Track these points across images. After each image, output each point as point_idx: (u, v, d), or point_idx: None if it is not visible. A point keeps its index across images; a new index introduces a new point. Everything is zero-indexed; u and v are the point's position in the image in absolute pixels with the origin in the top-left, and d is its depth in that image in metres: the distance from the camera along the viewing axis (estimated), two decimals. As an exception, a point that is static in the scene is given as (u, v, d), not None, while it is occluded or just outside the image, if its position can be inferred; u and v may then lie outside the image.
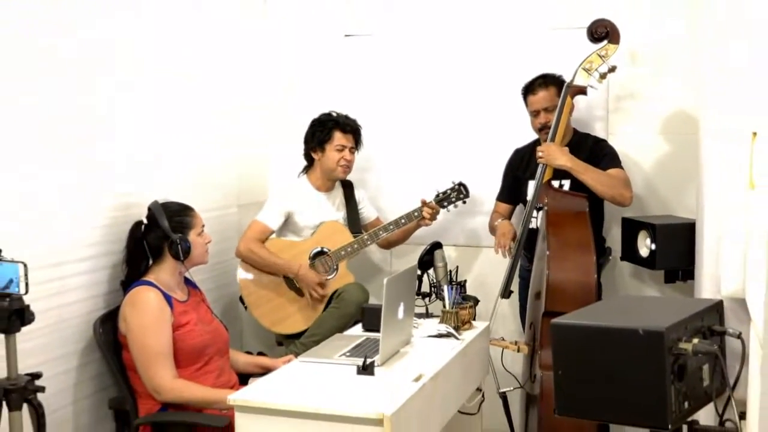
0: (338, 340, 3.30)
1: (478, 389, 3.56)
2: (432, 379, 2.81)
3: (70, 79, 3.15)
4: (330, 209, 4.13)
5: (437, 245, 3.68)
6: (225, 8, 4.32)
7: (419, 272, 3.56)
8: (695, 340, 1.67)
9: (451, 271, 3.63)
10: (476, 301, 3.59)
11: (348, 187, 4.23)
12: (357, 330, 3.49)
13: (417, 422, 2.67)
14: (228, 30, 4.35)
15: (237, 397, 2.63)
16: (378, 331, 2.95)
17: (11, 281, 2.19)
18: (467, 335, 3.36)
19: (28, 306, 2.22)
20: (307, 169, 4.16)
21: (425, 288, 3.64)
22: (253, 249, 3.93)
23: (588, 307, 1.91)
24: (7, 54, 2.84)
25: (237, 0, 4.46)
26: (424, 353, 3.09)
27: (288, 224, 4.07)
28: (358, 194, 4.27)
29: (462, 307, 3.46)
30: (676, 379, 1.64)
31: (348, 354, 3.04)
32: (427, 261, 3.62)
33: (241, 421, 2.58)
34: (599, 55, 3.61)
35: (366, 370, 2.81)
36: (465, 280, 3.67)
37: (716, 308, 1.85)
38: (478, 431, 3.63)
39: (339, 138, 4.02)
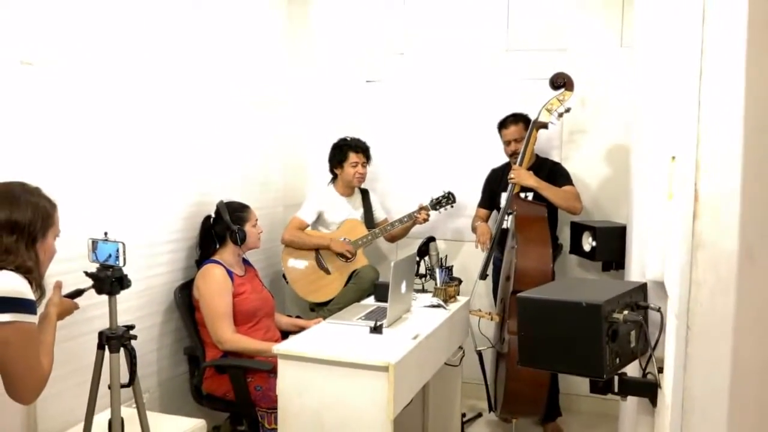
0: (356, 308, 3.31)
1: (460, 347, 3.55)
2: (426, 338, 2.82)
3: (160, 93, 3.21)
4: (351, 210, 4.14)
5: (432, 239, 3.68)
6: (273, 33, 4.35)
7: (417, 259, 3.56)
8: (625, 312, 1.67)
9: (441, 259, 3.63)
10: (460, 282, 3.59)
11: (364, 193, 4.25)
12: (370, 301, 3.50)
13: (414, 370, 2.68)
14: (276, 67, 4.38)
15: (280, 347, 2.64)
16: (386, 301, 2.95)
17: (111, 256, 2.21)
18: (453, 306, 3.36)
19: (126, 275, 2.24)
20: (333, 180, 4.18)
21: (422, 271, 3.64)
22: (294, 235, 3.96)
23: (544, 285, 1.91)
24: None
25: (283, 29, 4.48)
26: (420, 319, 3.09)
27: (319, 220, 4.09)
28: (372, 198, 4.28)
29: (449, 286, 3.46)
30: (610, 340, 1.64)
31: (363, 318, 3.05)
32: (423, 250, 3.63)
33: (283, 365, 2.59)
34: (558, 99, 3.62)
35: (376, 330, 2.82)
36: (452, 266, 3.66)
37: (641, 288, 1.85)
38: (458, 380, 3.62)
39: (353, 157, 4.06)
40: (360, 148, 4.10)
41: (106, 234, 2.24)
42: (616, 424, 3.41)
